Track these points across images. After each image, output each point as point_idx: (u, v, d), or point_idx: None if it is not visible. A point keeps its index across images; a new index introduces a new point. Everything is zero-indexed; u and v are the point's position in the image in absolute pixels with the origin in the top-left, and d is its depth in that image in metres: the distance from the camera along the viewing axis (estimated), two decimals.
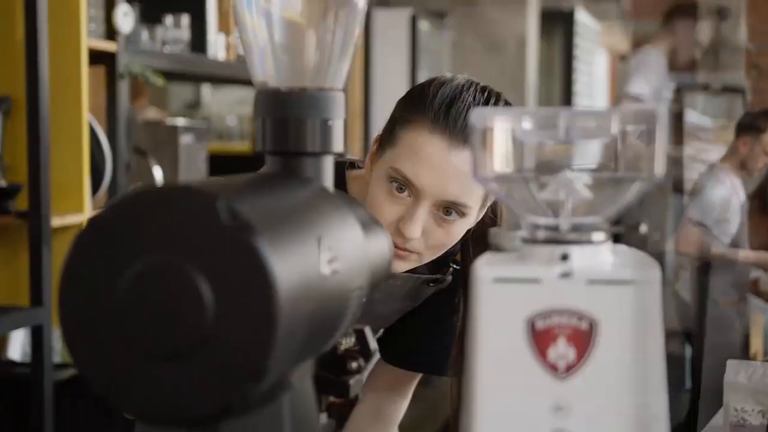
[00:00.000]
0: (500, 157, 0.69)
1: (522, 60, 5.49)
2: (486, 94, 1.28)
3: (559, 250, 0.66)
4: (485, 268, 0.66)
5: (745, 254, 4.37)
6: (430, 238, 1.27)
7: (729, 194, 4.28)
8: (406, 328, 1.48)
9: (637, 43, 9.98)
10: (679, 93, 4.68)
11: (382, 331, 1.51)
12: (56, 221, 2.38)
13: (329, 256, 0.67)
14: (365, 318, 0.80)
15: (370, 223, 0.83)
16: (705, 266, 4.30)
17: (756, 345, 4.53)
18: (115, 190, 2.65)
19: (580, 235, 0.68)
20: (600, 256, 0.67)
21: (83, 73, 2.47)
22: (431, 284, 1.42)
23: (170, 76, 3.22)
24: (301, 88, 0.77)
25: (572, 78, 7.23)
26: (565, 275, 0.66)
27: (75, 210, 2.47)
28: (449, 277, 1.41)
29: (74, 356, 0.61)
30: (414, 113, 1.25)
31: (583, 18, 7.30)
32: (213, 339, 0.58)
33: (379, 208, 1.26)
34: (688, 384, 4.47)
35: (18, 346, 2.60)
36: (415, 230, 1.24)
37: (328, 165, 0.78)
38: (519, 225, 0.71)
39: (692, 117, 4.57)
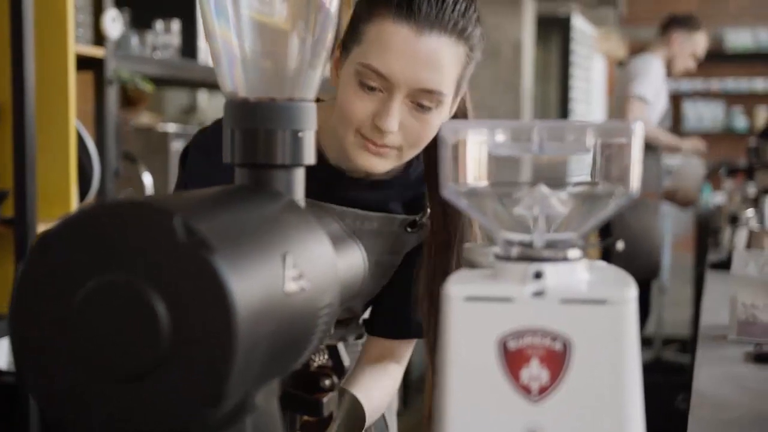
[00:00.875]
0: (472, 171, 0.67)
1: (518, 66, 5.47)
2: None
3: (533, 267, 0.64)
4: (456, 287, 0.64)
5: (670, 138, 4.51)
6: (408, 132, 1.25)
7: (662, 79, 4.45)
8: (383, 294, 1.46)
9: (634, 48, 9.99)
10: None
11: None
12: (42, 228, 2.36)
13: (295, 273, 0.64)
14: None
15: (342, 237, 0.80)
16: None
17: None
18: (104, 196, 2.63)
19: (554, 252, 0.65)
20: (575, 274, 0.65)
21: (70, 78, 2.44)
22: (409, 229, 1.39)
23: (161, 81, 3.19)
24: (271, 99, 0.75)
25: (569, 84, 7.22)
26: (538, 294, 0.63)
27: (61, 216, 2.44)
28: (426, 221, 1.39)
29: (26, 376, 0.59)
30: (376, 6, 1.24)
31: (579, 24, 7.29)
32: (169, 360, 0.56)
33: (350, 108, 1.24)
34: None
35: (4, 355, 2.58)
36: (391, 122, 1.23)
37: (299, 177, 0.76)
38: (493, 239, 0.69)
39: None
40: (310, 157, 0.76)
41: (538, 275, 0.64)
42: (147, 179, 2.94)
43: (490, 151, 0.66)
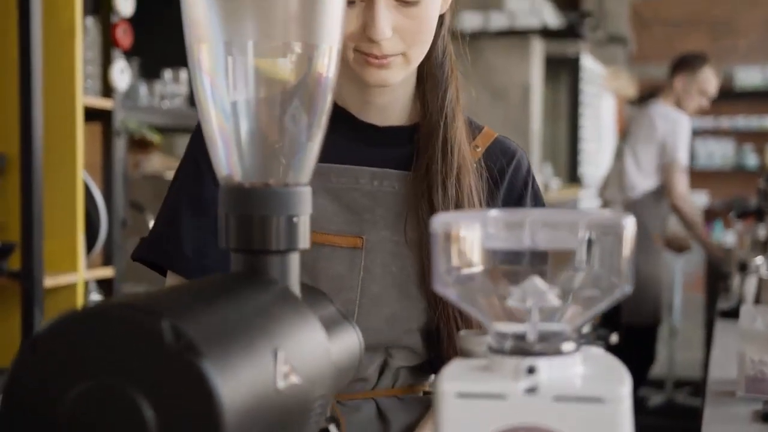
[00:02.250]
0: (464, 262, 0.66)
1: (526, 108, 5.48)
2: None
3: (526, 362, 0.64)
4: (449, 383, 0.64)
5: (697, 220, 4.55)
6: (405, 33, 1.18)
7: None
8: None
9: (644, 86, 10.01)
10: None
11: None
12: (49, 281, 2.36)
13: (287, 368, 0.64)
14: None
15: (336, 320, 0.80)
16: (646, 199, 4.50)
17: None
18: (111, 247, 2.63)
19: (548, 345, 0.65)
20: (569, 368, 0.64)
21: (78, 130, 2.45)
22: None
23: (170, 129, 3.21)
24: (266, 184, 0.75)
25: (578, 123, 7.23)
26: (531, 391, 0.63)
27: (69, 269, 2.44)
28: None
29: None
30: None
31: (588, 63, 7.31)
32: None
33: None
34: None
35: None
36: (380, 30, 1.16)
37: (294, 262, 0.75)
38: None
39: None
40: (305, 242, 0.75)
41: (531, 370, 0.63)
42: None
43: (482, 242, 0.66)
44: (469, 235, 0.65)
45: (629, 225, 0.62)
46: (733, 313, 2.74)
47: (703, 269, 5.82)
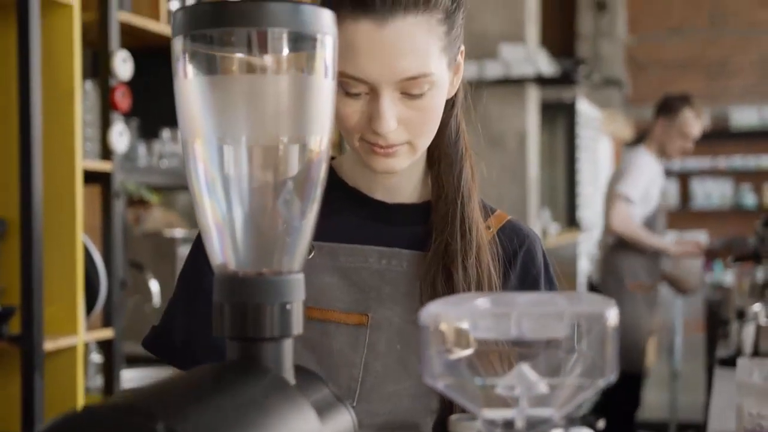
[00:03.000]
0: (452, 352, 0.68)
1: (523, 155, 5.52)
2: None
3: None
4: None
5: (655, 240, 4.49)
6: (410, 124, 1.17)
7: (654, 174, 4.50)
8: None
9: (640, 128, 10.08)
10: None
11: None
12: (49, 345, 2.37)
13: None
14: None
15: (331, 402, 0.81)
16: (618, 246, 4.48)
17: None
18: (110, 308, 2.65)
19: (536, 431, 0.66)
20: None
21: (78, 193, 2.48)
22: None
23: (170, 187, 3.24)
24: (259, 273, 0.77)
25: (575, 167, 7.27)
26: None
27: (69, 332, 2.46)
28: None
29: None
30: (336, 10, 1.13)
31: (584, 107, 7.37)
32: None
33: (343, 119, 1.17)
34: None
35: None
36: (385, 123, 1.15)
37: (288, 348, 0.77)
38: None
39: None
40: (298, 328, 0.77)
41: None
42: (154, 287, 2.96)
43: (471, 332, 0.67)
44: (458, 326, 0.67)
45: (612, 315, 0.64)
46: (731, 362, 2.74)
47: (703, 311, 5.82)
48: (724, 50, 10.44)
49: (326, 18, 0.76)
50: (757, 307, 2.94)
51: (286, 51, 0.77)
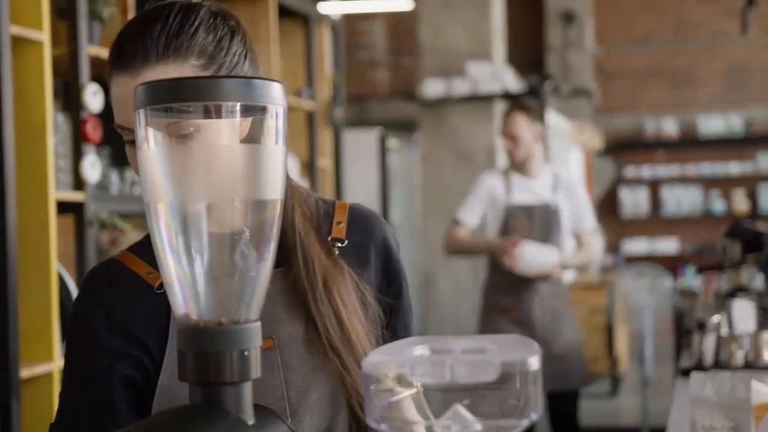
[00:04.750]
0: (393, 396, 0.75)
1: (492, 168, 5.61)
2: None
3: None
4: None
5: (479, 240, 4.28)
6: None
7: (488, 193, 4.24)
8: None
9: (609, 137, 10.20)
10: None
11: None
12: (25, 372, 2.42)
13: None
14: None
15: None
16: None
17: None
18: None
19: None
20: None
21: (51, 224, 2.53)
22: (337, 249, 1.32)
23: (142, 214, 3.29)
24: (219, 323, 0.84)
25: None
26: None
27: (45, 359, 2.51)
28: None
29: None
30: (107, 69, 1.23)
31: (554, 120, 7.46)
32: None
33: (133, 166, 1.21)
34: None
35: None
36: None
37: (247, 391, 0.84)
38: None
39: None
40: (257, 371, 0.84)
41: None
42: None
43: (408, 378, 0.75)
44: (397, 373, 0.75)
45: (534, 362, 0.72)
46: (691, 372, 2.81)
47: (671, 317, 5.92)
48: (690, 60, 10.60)
49: (275, 90, 0.84)
50: (716, 318, 3.02)
51: (239, 121, 0.85)
